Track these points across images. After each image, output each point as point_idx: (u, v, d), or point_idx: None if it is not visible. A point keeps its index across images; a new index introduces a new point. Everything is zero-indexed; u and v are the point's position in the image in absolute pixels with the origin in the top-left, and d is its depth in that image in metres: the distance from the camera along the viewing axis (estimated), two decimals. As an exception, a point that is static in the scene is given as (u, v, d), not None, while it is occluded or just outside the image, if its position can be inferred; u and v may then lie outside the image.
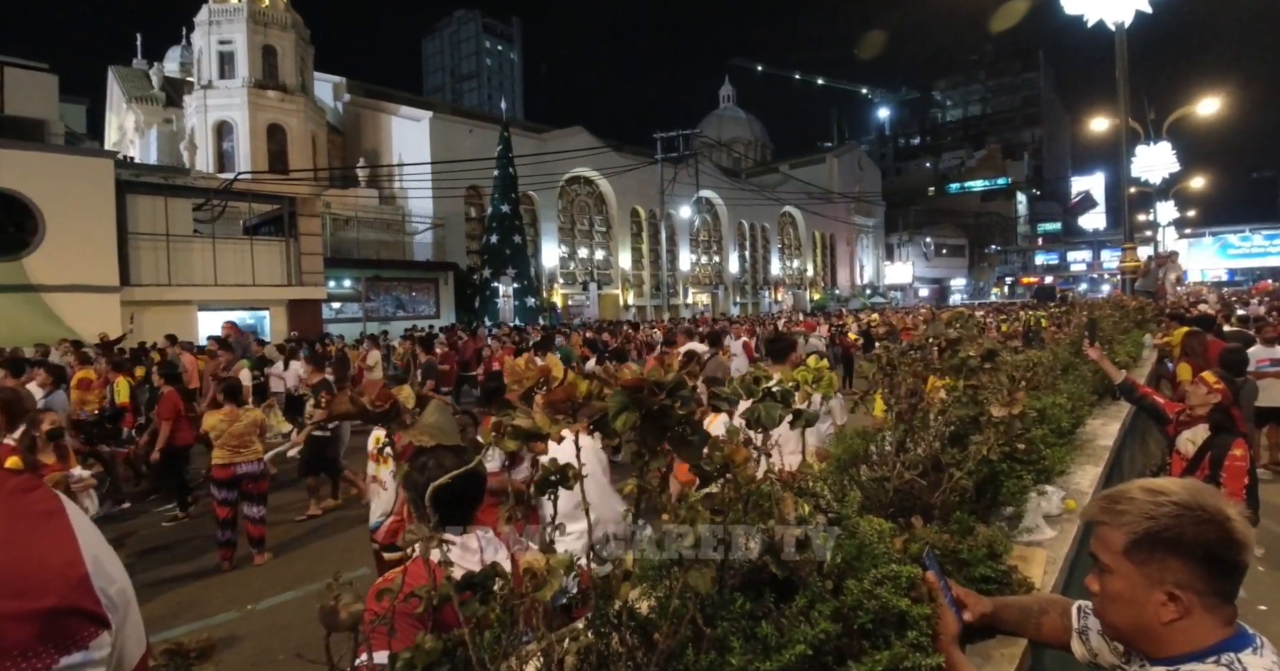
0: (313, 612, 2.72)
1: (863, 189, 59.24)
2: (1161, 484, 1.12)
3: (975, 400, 1.93)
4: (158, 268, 17.85)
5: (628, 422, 0.68)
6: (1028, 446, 2.03)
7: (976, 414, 1.90)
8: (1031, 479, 2.06)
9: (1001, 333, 3.96)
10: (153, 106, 33.97)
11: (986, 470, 1.91)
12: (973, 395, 1.91)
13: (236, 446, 5.69)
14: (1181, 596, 1.03)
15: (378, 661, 0.79)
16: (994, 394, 1.91)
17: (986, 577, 1.48)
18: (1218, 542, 1.03)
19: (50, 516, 0.66)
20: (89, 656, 0.64)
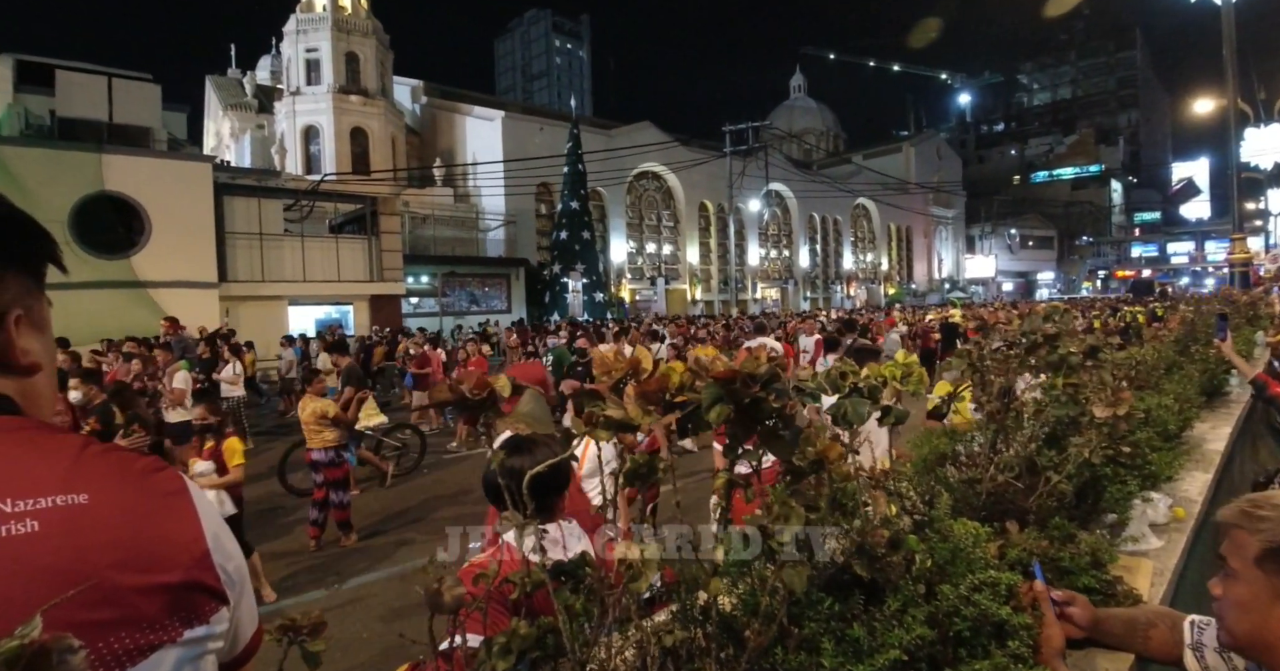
0: (393, 592, 2.85)
1: (942, 179, 56.99)
2: None
3: (1075, 399, 1.82)
4: (251, 265, 18.95)
5: (721, 415, 0.67)
6: (1133, 450, 1.91)
7: (1077, 414, 1.79)
8: (1136, 484, 1.93)
9: (1099, 329, 3.70)
10: (246, 113, 36.02)
11: (1087, 474, 1.80)
12: (1073, 394, 1.80)
13: (309, 434, 6.06)
14: None
15: (469, 644, 0.81)
16: (1096, 393, 1.80)
17: (1090, 588, 1.39)
18: None
19: (175, 495, 0.71)
20: (211, 630, 0.68)
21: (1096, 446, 1.75)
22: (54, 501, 0.64)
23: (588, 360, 10.02)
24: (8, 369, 0.72)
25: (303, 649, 0.61)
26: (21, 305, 0.73)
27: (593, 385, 0.80)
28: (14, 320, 0.71)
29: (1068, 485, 1.73)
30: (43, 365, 0.76)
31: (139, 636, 0.62)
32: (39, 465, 0.66)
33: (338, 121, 32.00)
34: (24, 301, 0.73)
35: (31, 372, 0.74)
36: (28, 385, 0.74)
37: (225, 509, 4.49)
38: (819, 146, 62.46)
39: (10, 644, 0.42)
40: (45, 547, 0.61)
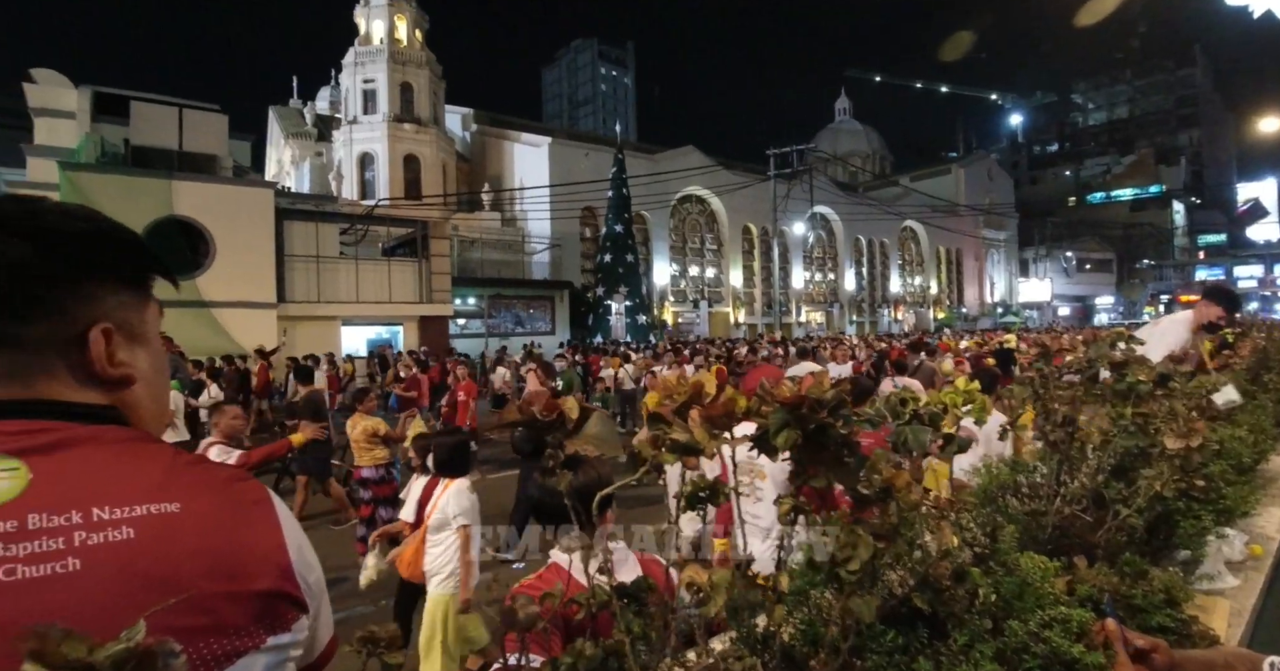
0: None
1: (993, 200, 55.81)
2: None
3: (1145, 430, 1.75)
4: (308, 286, 19.62)
5: (789, 440, 0.67)
6: (1206, 483, 1.82)
7: (1147, 445, 1.72)
8: (1211, 520, 1.84)
9: (1171, 357, 3.53)
10: (306, 141, 37.61)
11: (1159, 508, 1.73)
12: (1142, 424, 1.73)
13: (358, 451, 6.21)
14: None
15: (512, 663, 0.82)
16: (1167, 423, 1.73)
17: (1164, 628, 1.33)
18: None
19: (259, 505, 0.73)
20: (292, 638, 0.70)
21: (1168, 479, 1.67)
22: (148, 509, 0.66)
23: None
24: (98, 380, 0.74)
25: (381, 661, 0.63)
26: (113, 318, 0.75)
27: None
28: (101, 332, 0.73)
29: (1138, 519, 1.66)
30: (140, 377, 0.77)
31: (226, 642, 0.64)
32: (133, 474, 0.69)
33: (392, 149, 33.11)
34: (118, 314, 0.76)
35: (125, 384, 0.76)
36: (126, 397, 0.76)
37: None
38: (864, 169, 61.96)
39: (118, 647, 0.44)
40: (140, 554, 0.64)
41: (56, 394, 0.72)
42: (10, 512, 0.63)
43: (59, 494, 0.65)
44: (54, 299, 0.71)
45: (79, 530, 0.64)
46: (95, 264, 0.75)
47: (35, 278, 0.70)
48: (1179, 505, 1.75)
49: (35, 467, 0.66)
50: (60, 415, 0.71)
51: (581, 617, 0.74)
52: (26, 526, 0.63)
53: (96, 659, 0.42)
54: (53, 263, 0.71)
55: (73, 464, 0.68)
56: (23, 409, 0.69)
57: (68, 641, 0.42)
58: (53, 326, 0.71)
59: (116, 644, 0.44)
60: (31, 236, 0.70)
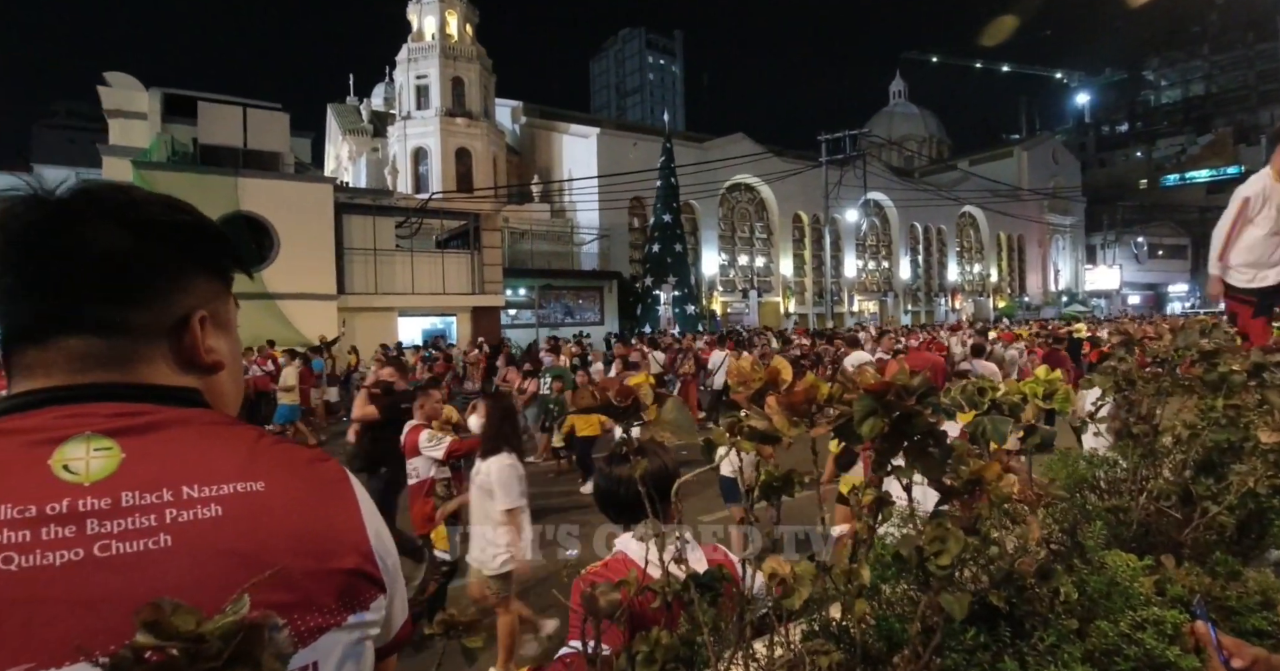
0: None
1: (1059, 184, 53.52)
2: None
3: (1237, 423, 1.65)
4: (366, 278, 20.19)
5: (874, 429, 0.65)
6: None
7: (1239, 439, 1.62)
8: (1310, 519, 1.72)
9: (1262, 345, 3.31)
10: (362, 137, 38.57)
11: (1251, 505, 1.62)
12: (1234, 417, 1.63)
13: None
14: None
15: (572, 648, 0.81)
16: (1261, 416, 1.62)
17: (1260, 631, 1.25)
18: None
19: (338, 484, 0.75)
20: (372, 617, 0.72)
21: (1262, 475, 1.57)
22: (235, 488, 0.69)
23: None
24: (193, 366, 0.78)
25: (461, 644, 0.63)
26: (208, 307, 0.79)
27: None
28: (199, 320, 0.77)
29: (1229, 517, 1.57)
30: (226, 364, 0.81)
31: (310, 619, 0.66)
32: (220, 454, 0.71)
33: (444, 143, 33.69)
34: (210, 303, 0.79)
35: (215, 370, 0.80)
36: (213, 381, 0.80)
37: None
38: (920, 153, 60.14)
39: (226, 620, 0.46)
40: (229, 531, 0.66)
41: (154, 378, 0.75)
42: (104, 490, 0.65)
43: (151, 473, 0.68)
44: (158, 287, 0.75)
45: (170, 507, 0.66)
46: (194, 254, 0.79)
47: (143, 266, 0.74)
48: (1273, 502, 1.64)
49: (128, 447, 0.68)
50: (154, 398, 0.73)
51: (656, 606, 0.73)
52: (120, 504, 0.65)
53: (206, 630, 0.43)
54: (158, 252, 0.75)
55: (163, 444, 0.70)
56: (121, 392, 0.72)
57: (178, 613, 0.43)
58: (155, 313, 0.75)
59: (224, 617, 0.45)
60: (137, 226, 0.74)
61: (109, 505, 0.65)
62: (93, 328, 0.72)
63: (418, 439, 4.59)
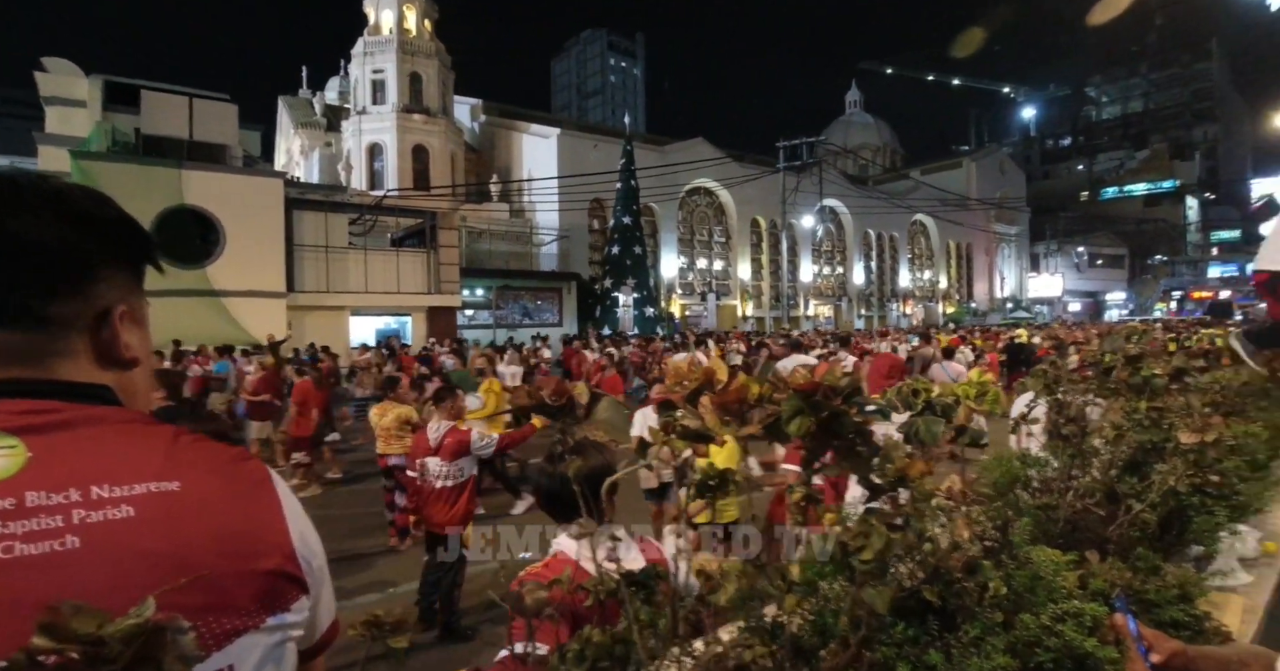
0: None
1: (1005, 195, 55.31)
2: None
3: (1159, 424, 1.73)
4: (318, 276, 19.70)
5: (802, 427, 0.66)
6: (1221, 479, 1.80)
7: (1161, 440, 1.70)
8: (1225, 516, 1.82)
9: (1174, 350, 3.49)
10: (315, 131, 37.64)
11: (1172, 503, 1.71)
12: (1157, 418, 1.71)
13: (387, 438, 6.21)
14: None
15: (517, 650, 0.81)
16: (1182, 418, 1.71)
17: (1177, 622, 1.31)
18: None
19: (261, 485, 0.74)
20: (294, 618, 0.71)
21: (1182, 474, 1.66)
22: (149, 488, 0.67)
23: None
24: (111, 361, 0.76)
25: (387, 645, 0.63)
26: (126, 302, 0.77)
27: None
28: (119, 315, 0.76)
29: (1151, 514, 1.64)
30: (141, 359, 0.80)
31: (226, 621, 0.65)
32: (134, 453, 0.70)
33: (401, 139, 33.12)
34: (128, 298, 0.78)
35: (131, 366, 0.78)
36: (126, 378, 0.78)
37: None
38: (875, 162, 61.48)
39: (128, 622, 0.44)
40: (143, 532, 0.65)
41: (70, 374, 0.73)
42: (8, 491, 0.63)
43: (58, 472, 0.66)
44: (81, 280, 0.73)
45: (78, 508, 0.64)
46: (117, 248, 0.77)
47: (67, 258, 0.72)
48: (1193, 501, 1.73)
49: (35, 446, 0.66)
50: (66, 396, 0.71)
51: (589, 605, 0.73)
52: (25, 504, 0.63)
53: (106, 633, 0.41)
54: (83, 245, 0.73)
55: (73, 443, 0.68)
56: (31, 389, 0.70)
57: (78, 616, 0.42)
58: (77, 307, 0.73)
59: (126, 619, 0.44)
60: (62, 217, 0.72)
61: (13, 506, 0.63)
62: (11, 320, 0.70)
63: (465, 439, 4.63)
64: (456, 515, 4.66)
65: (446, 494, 4.63)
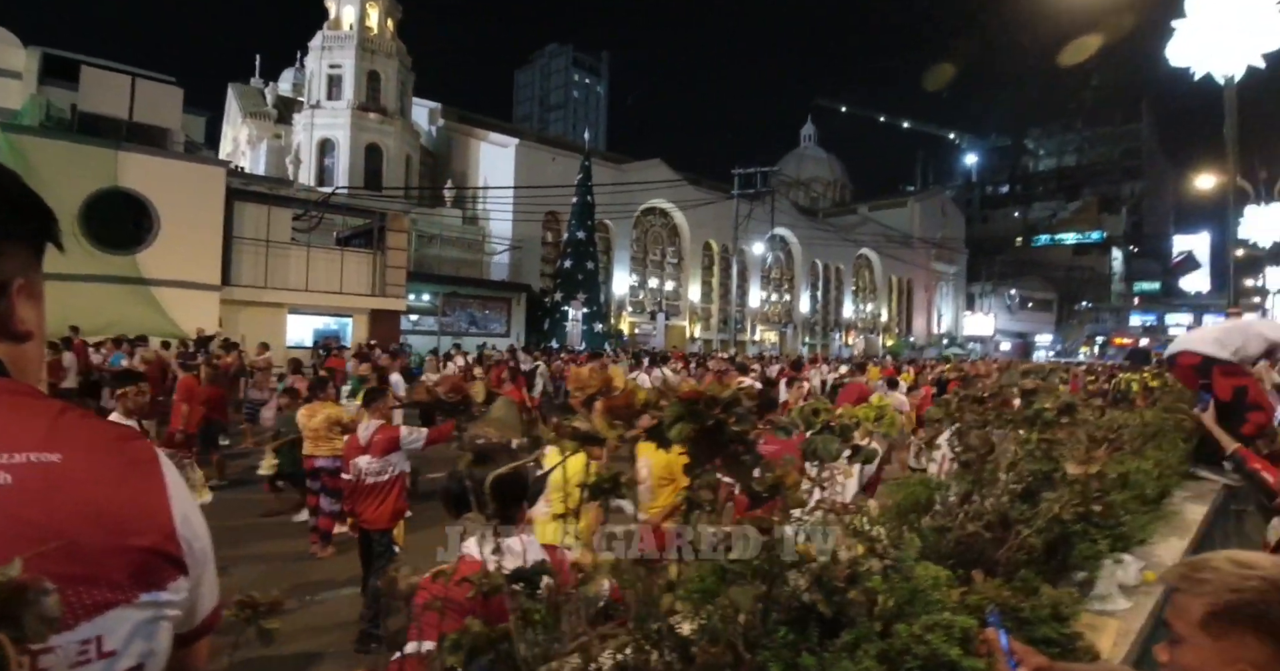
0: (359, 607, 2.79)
1: (945, 235, 57.65)
2: (1252, 557, 1.06)
3: (1050, 455, 1.85)
4: (256, 270, 19.03)
5: (683, 433, 0.70)
6: (1105, 509, 1.92)
7: (1050, 470, 1.82)
8: (1107, 545, 1.95)
9: (1086, 390, 3.75)
10: (265, 122, 36.61)
11: (1058, 530, 1.82)
12: (1047, 450, 1.83)
13: (315, 440, 6.02)
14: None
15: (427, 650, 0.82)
16: (1071, 450, 1.83)
17: (1049, 640, 1.40)
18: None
19: (147, 464, 0.74)
20: (169, 597, 0.71)
21: (1068, 503, 1.77)
22: (28, 458, 0.67)
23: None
24: (4, 334, 0.76)
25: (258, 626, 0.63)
26: (24, 276, 0.77)
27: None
28: (16, 289, 0.76)
29: (1037, 540, 1.75)
30: (35, 334, 0.80)
31: (96, 593, 0.65)
32: (17, 424, 0.70)
33: (354, 137, 32.51)
34: (26, 272, 0.78)
35: (25, 340, 0.79)
36: (19, 351, 0.78)
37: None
38: (825, 195, 63.33)
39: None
40: (17, 500, 0.65)
41: None
42: None
43: None
44: None
45: None
46: (19, 222, 0.77)
47: None
48: (1077, 528, 1.85)
49: None
50: None
51: (472, 596, 0.75)
52: None
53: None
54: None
55: None
56: None
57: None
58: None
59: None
60: None
61: None
62: None
63: (395, 435, 4.73)
64: (386, 512, 4.67)
65: (377, 490, 4.65)
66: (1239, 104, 10.90)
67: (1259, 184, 22.99)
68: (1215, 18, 9.99)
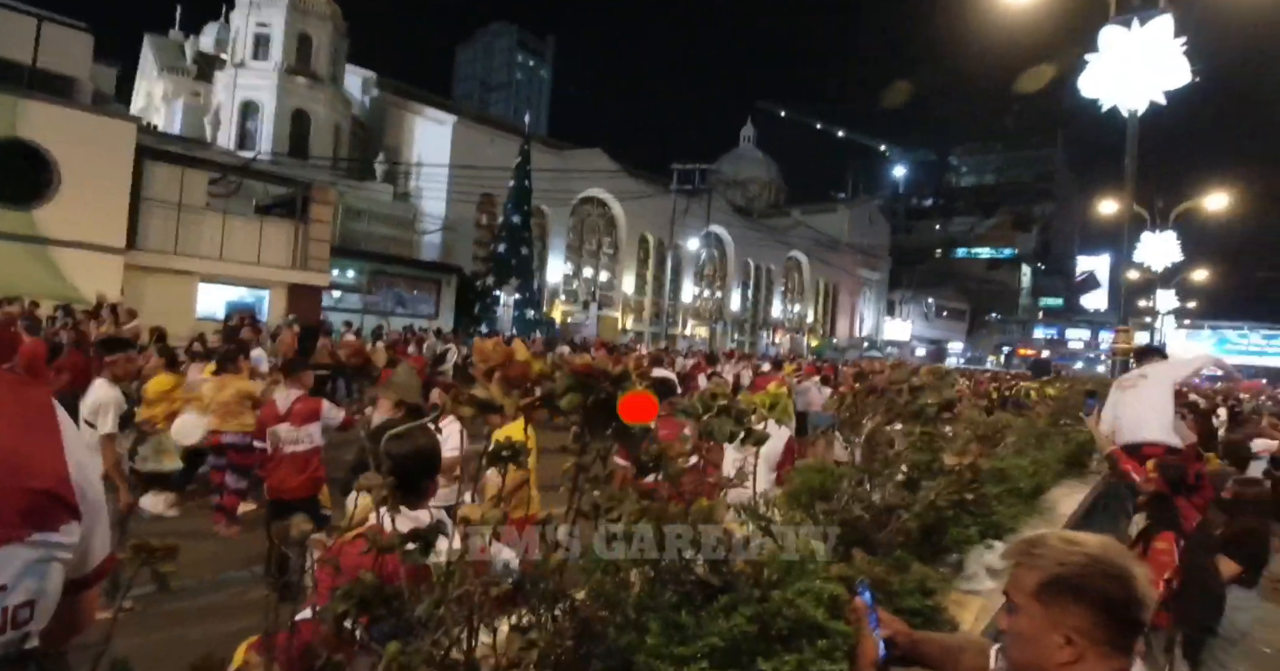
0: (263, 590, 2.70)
1: (871, 242, 59.82)
2: (1079, 536, 1.20)
3: (931, 447, 2.01)
4: (166, 235, 17.92)
5: (572, 403, 0.76)
6: (978, 498, 2.11)
7: (930, 460, 1.97)
8: (978, 531, 2.13)
9: (974, 392, 4.07)
10: (183, 78, 34.41)
11: (934, 516, 1.98)
12: (929, 442, 1.99)
13: (224, 414, 5.78)
14: (1077, 641, 1.10)
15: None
16: (950, 443, 1.99)
17: (914, 611, 1.54)
18: (1119, 597, 1.10)
19: (42, 411, 0.75)
20: (59, 539, 0.72)
21: (944, 491, 1.93)
22: None
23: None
24: None
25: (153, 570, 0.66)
26: None
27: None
28: None
29: (915, 523, 1.90)
30: None
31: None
32: None
33: (281, 101, 30.99)
34: None
35: None
36: None
37: None
38: (761, 196, 64.53)
39: None
40: None
41: None
42: None
43: None
44: None
45: None
46: None
47: None
48: (951, 515, 2.01)
49: None
50: None
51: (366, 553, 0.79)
52: None
53: None
54: None
55: None
56: None
57: None
58: None
59: None
60: None
61: None
62: None
63: (317, 406, 4.78)
64: (307, 480, 4.64)
65: (297, 459, 4.60)
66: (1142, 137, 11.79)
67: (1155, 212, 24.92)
68: (1123, 54, 10.76)
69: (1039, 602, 1.14)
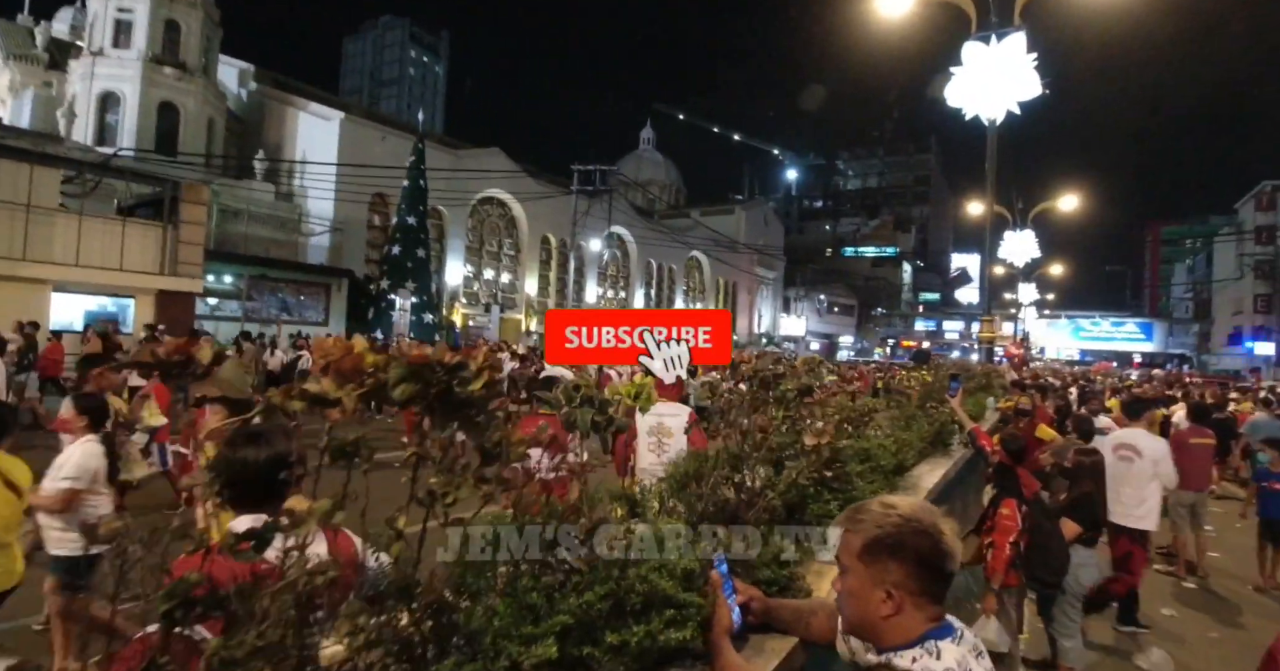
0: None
1: (767, 242, 62.02)
2: (895, 500, 1.33)
3: (795, 429, 2.15)
4: (12, 240, 16.15)
5: (405, 393, 0.79)
6: (837, 475, 2.27)
7: (793, 442, 2.12)
8: (838, 506, 2.29)
9: (843, 380, 4.37)
10: (33, 66, 31.11)
11: (796, 494, 2.13)
12: (792, 424, 2.13)
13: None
14: (895, 594, 1.23)
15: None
16: (809, 425, 2.14)
17: (770, 580, 1.66)
18: (929, 551, 1.24)
19: None
20: None
21: (806, 470, 2.08)
22: None
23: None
24: None
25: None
26: None
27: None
28: None
29: (779, 501, 2.03)
30: None
31: None
32: None
33: (145, 93, 28.61)
34: None
35: None
36: None
37: None
38: (661, 198, 65.57)
39: None
40: None
41: None
42: None
43: None
44: None
45: None
46: None
47: None
48: (813, 492, 2.17)
49: None
50: None
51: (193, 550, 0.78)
52: None
53: None
54: None
55: None
56: None
57: None
58: None
59: None
60: None
61: None
62: None
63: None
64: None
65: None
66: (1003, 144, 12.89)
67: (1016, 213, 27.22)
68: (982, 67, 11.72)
69: (862, 562, 1.26)
